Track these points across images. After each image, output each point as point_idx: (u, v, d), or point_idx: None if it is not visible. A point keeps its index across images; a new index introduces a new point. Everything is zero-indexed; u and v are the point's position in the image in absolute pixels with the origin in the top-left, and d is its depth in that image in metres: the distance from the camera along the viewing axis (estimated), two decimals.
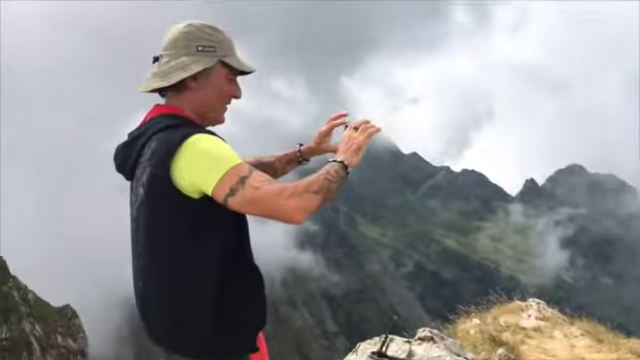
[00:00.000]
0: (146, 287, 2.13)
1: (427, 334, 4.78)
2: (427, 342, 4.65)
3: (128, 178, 2.21)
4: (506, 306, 10.15)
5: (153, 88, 2.19)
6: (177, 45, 2.15)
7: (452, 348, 4.64)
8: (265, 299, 2.19)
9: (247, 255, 2.15)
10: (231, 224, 2.08)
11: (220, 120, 2.26)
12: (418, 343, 4.65)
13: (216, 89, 2.19)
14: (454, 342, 4.93)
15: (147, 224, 2.07)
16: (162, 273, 2.07)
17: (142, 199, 2.07)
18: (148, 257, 2.09)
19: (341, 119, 2.48)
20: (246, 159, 2.33)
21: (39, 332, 46.81)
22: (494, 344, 7.28)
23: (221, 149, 1.99)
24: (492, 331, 7.98)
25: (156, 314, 2.12)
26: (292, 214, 1.92)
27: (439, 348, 4.53)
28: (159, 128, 2.07)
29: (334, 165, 2.08)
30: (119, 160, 2.23)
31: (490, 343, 7.31)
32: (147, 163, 2.03)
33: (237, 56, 2.21)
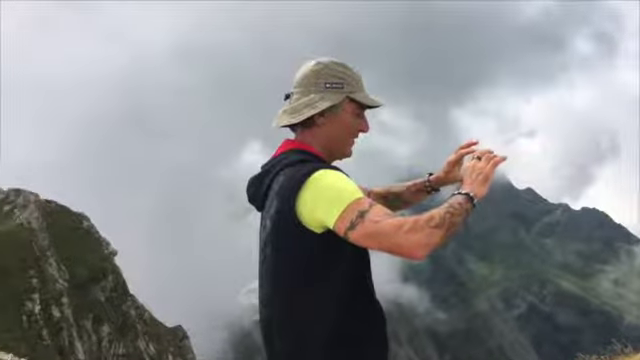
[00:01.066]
0: (269, 316, 2.21)
1: None
2: None
3: (259, 209, 2.33)
4: (631, 358, 9.22)
5: (284, 125, 2.31)
6: (306, 82, 2.26)
7: None
8: (385, 337, 2.18)
9: (369, 290, 2.18)
10: (353, 259, 2.12)
11: (347, 154, 2.33)
12: None
13: (344, 124, 2.26)
14: None
15: (272, 256, 2.17)
16: (283, 305, 2.14)
17: (269, 231, 2.17)
18: (271, 288, 2.19)
19: (470, 148, 2.43)
20: (375, 189, 2.56)
21: (152, 351, 49.12)
22: None
23: (343, 184, 2.04)
24: None
25: (278, 343, 2.18)
26: (412, 249, 1.91)
27: None
28: (287, 163, 2.17)
29: (458, 197, 2.05)
30: (251, 191, 2.37)
31: None
32: (275, 196, 2.13)
33: (364, 91, 2.26)
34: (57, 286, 45.51)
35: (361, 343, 2.09)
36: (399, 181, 2.77)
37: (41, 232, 46.76)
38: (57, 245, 47.17)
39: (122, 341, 47.08)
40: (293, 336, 2.10)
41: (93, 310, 46.03)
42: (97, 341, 46.00)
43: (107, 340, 46.53)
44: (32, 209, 48.59)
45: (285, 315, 2.13)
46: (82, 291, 46.90)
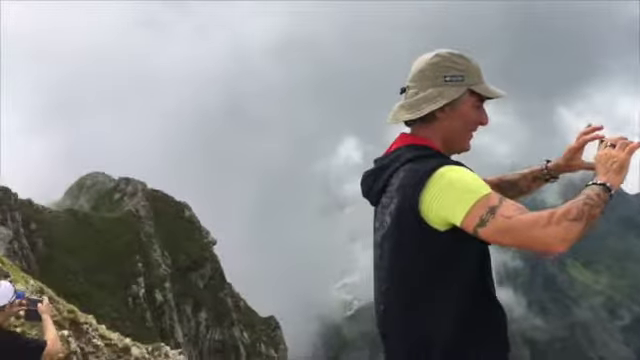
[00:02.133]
0: (387, 312, 2.17)
1: None
2: None
3: (373, 204, 2.26)
4: None
5: (402, 120, 2.22)
6: (424, 76, 2.17)
7: None
8: (506, 338, 2.11)
9: (490, 290, 2.11)
10: (475, 258, 2.05)
11: (466, 148, 2.26)
12: None
13: (463, 118, 2.18)
14: None
15: (391, 253, 2.11)
16: (403, 302, 2.10)
17: (388, 228, 2.10)
18: (390, 285, 2.14)
19: (595, 133, 2.24)
20: (488, 178, 2.42)
21: (246, 339, 50.74)
22: None
23: (471, 179, 1.98)
24: None
25: (394, 339, 2.16)
26: (550, 244, 1.85)
27: None
28: (407, 159, 2.10)
29: (594, 188, 1.94)
30: (366, 186, 2.29)
31: None
32: (395, 193, 2.06)
33: (484, 82, 2.19)
34: (160, 271, 48.08)
35: (482, 344, 2.04)
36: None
37: (147, 219, 49.54)
38: (161, 232, 49.80)
39: (218, 327, 49.00)
40: (411, 335, 2.07)
41: (193, 296, 48.27)
42: (195, 326, 48.17)
43: (204, 325, 48.62)
44: (140, 197, 51.58)
45: (403, 313, 2.09)
46: (183, 277, 49.22)
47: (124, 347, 13.71)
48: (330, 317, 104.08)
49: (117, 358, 13.57)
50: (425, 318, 2.04)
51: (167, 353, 15.29)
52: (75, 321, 12.53)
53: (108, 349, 13.29)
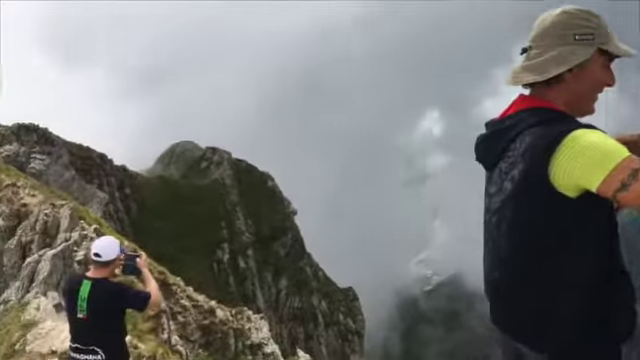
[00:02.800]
0: (503, 279, 2.10)
1: None
2: None
3: (488, 169, 2.19)
4: None
5: (526, 82, 2.10)
6: (551, 35, 2.06)
7: None
8: (635, 310, 2.02)
9: (618, 260, 2.02)
10: (604, 227, 1.97)
11: (590, 111, 2.14)
12: None
13: (592, 79, 2.06)
14: None
15: (513, 219, 2.02)
16: (526, 268, 2.02)
17: (509, 193, 2.02)
18: (511, 251, 2.05)
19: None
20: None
21: (324, 308, 51.70)
22: None
23: (607, 142, 1.86)
24: None
25: (511, 306, 2.10)
26: None
27: None
28: (532, 122, 2.00)
29: None
30: (481, 150, 2.21)
31: None
32: (519, 158, 1.97)
33: (614, 41, 2.06)
34: (243, 239, 49.63)
35: (611, 313, 2.00)
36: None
37: (232, 188, 51.12)
38: (245, 201, 51.27)
39: (298, 295, 50.21)
40: (530, 305, 2.02)
41: (274, 264, 49.61)
42: (276, 292, 49.57)
43: (285, 293, 49.93)
44: (225, 166, 53.22)
45: (524, 282, 2.03)
46: (264, 246, 50.62)
47: (210, 309, 14.43)
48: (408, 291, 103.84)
49: (203, 319, 14.32)
50: (547, 289, 1.99)
51: (249, 317, 15.96)
52: (165, 282, 13.30)
53: (195, 310, 14.04)
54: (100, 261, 4.33)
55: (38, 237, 13.89)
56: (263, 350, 14.34)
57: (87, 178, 36.49)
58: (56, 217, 14.16)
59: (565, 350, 1.99)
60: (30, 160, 29.62)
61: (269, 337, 15.18)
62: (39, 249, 13.42)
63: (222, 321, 14.02)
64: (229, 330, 13.95)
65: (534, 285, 2.00)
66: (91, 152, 39.95)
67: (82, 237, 13.35)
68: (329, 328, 49.90)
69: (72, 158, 35.23)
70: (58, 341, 8.30)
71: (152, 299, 4.46)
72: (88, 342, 4.28)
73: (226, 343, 13.65)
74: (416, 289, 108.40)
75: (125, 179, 43.54)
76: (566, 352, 1.99)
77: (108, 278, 4.39)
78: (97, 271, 4.36)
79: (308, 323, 47.79)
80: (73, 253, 12.59)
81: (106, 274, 4.38)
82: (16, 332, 9.37)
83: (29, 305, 10.95)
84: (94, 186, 36.52)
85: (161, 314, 9.49)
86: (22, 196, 16.49)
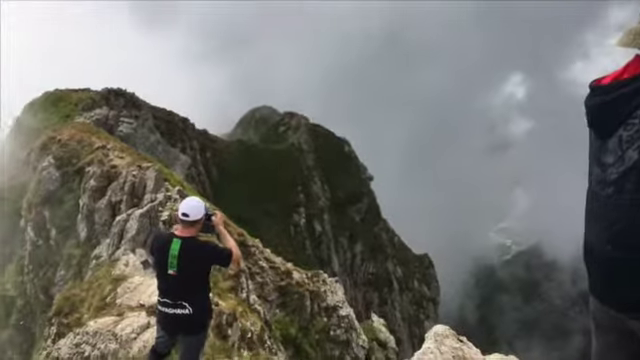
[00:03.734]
0: (620, 253, 2.00)
1: None
2: None
3: (602, 137, 2.06)
4: None
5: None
6: None
7: None
8: None
9: None
10: None
11: None
12: None
13: None
14: None
15: (638, 191, 1.93)
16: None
17: (634, 164, 1.92)
18: (631, 224, 1.96)
19: None
20: None
21: (399, 273, 51.78)
22: None
23: None
24: None
25: (629, 282, 2.01)
26: None
27: None
28: None
29: None
30: (596, 115, 2.09)
31: None
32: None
33: None
34: (320, 203, 50.22)
35: None
36: None
37: (309, 153, 51.64)
38: (321, 166, 51.70)
39: (373, 260, 50.51)
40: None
41: (349, 229, 50.02)
42: (351, 257, 50.07)
43: (360, 258, 50.33)
44: (302, 131, 53.70)
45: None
46: (340, 210, 51.03)
47: (286, 271, 14.80)
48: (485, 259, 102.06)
49: (280, 280, 14.73)
50: None
51: (325, 280, 16.25)
52: (244, 243, 13.73)
53: (272, 271, 14.44)
54: (188, 220, 4.56)
55: (126, 197, 14.64)
56: (338, 313, 14.59)
57: (171, 141, 37.83)
58: (143, 179, 14.84)
59: None
60: (119, 123, 31.01)
61: (344, 300, 15.41)
62: (127, 208, 14.16)
63: (298, 283, 14.33)
64: (305, 292, 14.25)
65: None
66: (174, 116, 41.31)
67: (167, 198, 13.95)
68: (403, 294, 50.04)
69: (156, 122, 36.59)
70: (145, 295, 8.79)
71: (234, 256, 4.65)
72: (177, 297, 4.54)
73: (302, 304, 13.97)
74: (494, 258, 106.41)
75: (206, 143, 44.84)
76: None
77: (195, 237, 4.60)
78: (185, 230, 4.59)
79: (382, 288, 48.08)
80: (158, 213, 13.20)
81: (193, 233, 4.61)
82: (107, 286, 9.99)
83: (119, 261, 11.63)
84: (177, 149, 37.84)
85: (240, 274, 9.83)
86: (111, 158, 17.38)
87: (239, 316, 8.06)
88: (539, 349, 71.60)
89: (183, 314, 4.55)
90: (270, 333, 9.97)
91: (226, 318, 7.66)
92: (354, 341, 14.41)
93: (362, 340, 14.74)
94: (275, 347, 9.62)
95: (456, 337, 4.68)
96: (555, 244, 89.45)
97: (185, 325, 4.62)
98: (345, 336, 14.38)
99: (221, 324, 7.52)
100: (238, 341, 7.67)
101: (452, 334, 4.68)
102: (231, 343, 7.51)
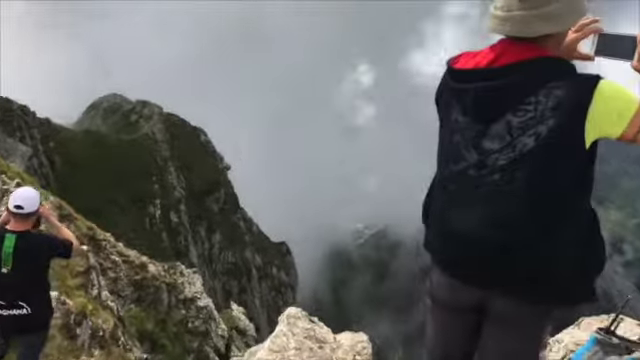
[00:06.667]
0: (507, 238, 2.02)
1: None
2: None
3: (482, 121, 2.04)
4: None
5: (539, 34, 1.98)
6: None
7: None
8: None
9: (596, 215, 2.15)
10: (592, 174, 2.06)
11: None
12: None
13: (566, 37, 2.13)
14: None
15: (536, 176, 1.96)
16: (544, 224, 1.99)
17: (531, 149, 1.94)
18: (527, 209, 1.99)
19: (594, 25, 2.12)
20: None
21: (258, 262, 52.16)
22: None
23: (626, 90, 1.94)
24: None
25: (514, 265, 2.04)
26: None
27: None
28: (555, 74, 1.94)
29: None
30: (479, 101, 2.04)
31: None
32: (548, 112, 1.90)
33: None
34: (176, 194, 48.93)
35: (600, 243, 2.12)
36: None
37: (163, 143, 50.01)
38: (177, 156, 50.32)
39: (231, 250, 50.34)
40: (547, 256, 2.00)
41: (207, 219, 49.36)
42: (209, 247, 49.46)
43: (218, 247, 49.91)
44: (156, 120, 51.83)
45: (544, 237, 1.99)
46: (198, 201, 50.14)
47: (141, 264, 14.28)
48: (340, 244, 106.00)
49: (134, 274, 14.16)
50: (567, 235, 2.00)
51: (182, 271, 15.91)
52: (94, 238, 13.00)
53: (126, 265, 13.85)
54: (22, 213, 4.18)
55: None
56: (196, 304, 14.40)
57: (8, 131, 34.74)
58: None
59: (564, 299, 2.08)
60: None
61: (202, 291, 15.23)
62: None
63: (154, 276, 13.92)
64: (161, 285, 13.88)
65: (552, 243, 1.99)
66: (11, 103, 37.89)
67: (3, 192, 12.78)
68: (262, 281, 50.53)
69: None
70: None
71: (74, 245, 4.39)
72: (13, 297, 4.17)
73: (158, 298, 13.60)
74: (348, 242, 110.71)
75: (49, 132, 41.72)
76: (565, 300, 2.09)
77: (30, 230, 4.27)
78: (19, 224, 4.20)
79: (242, 277, 48.18)
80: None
81: (28, 226, 4.25)
82: None
83: None
84: (16, 139, 34.85)
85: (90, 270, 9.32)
86: None
87: (89, 314, 7.66)
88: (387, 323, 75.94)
89: (21, 315, 4.20)
90: (124, 329, 9.59)
91: (74, 317, 7.23)
92: (213, 331, 14.32)
93: (221, 330, 14.70)
94: (130, 343, 9.27)
95: (308, 318, 4.82)
96: (401, 225, 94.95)
97: (24, 325, 4.28)
98: (204, 327, 14.24)
99: (69, 324, 7.09)
100: (89, 340, 7.29)
101: (304, 315, 4.82)
102: (80, 343, 7.11)
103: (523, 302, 2.09)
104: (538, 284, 2.03)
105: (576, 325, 4.40)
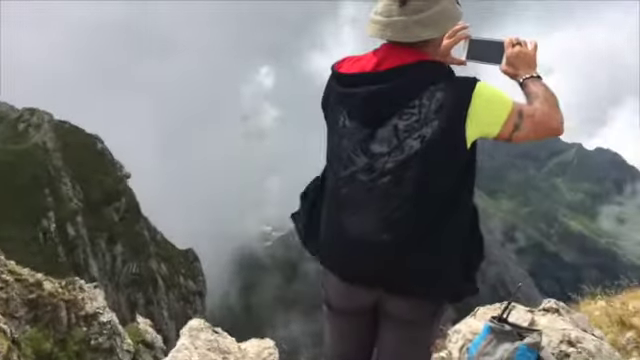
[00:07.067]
0: (399, 239, 2.03)
1: (552, 306, 4.42)
2: (552, 314, 4.31)
3: (369, 125, 2.04)
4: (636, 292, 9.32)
5: (420, 39, 2.02)
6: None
7: (579, 323, 4.25)
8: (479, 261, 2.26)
9: (477, 212, 2.22)
10: (474, 172, 2.12)
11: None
12: (542, 314, 4.32)
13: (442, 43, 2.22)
14: (582, 317, 4.52)
15: (423, 178, 1.98)
16: (433, 223, 2.03)
17: (417, 151, 1.96)
18: (416, 209, 2.01)
19: (465, 31, 2.24)
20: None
21: (164, 271, 50.62)
22: (623, 327, 6.74)
23: (500, 91, 2.02)
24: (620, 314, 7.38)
25: (407, 265, 2.07)
26: (561, 128, 2.07)
27: (565, 321, 4.18)
28: (436, 78, 1.98)
29: (539, 80, 2.16)
30: (367, 105, 2.05)
31: (618, 326, 6.77)
32: (431, 115, 1.94)
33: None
34: (72, 205, 46.39)
35: (475, 257, 2.18)
36: None
37: (55, 152, 47.29)
38: (72, 166, 47.74)
39: (135, 260, 48.49)
40: (437, 256, 2.06)
41: (107, 230, 47.21)
42: (111, 260, 47.35)
43: (121, 259, 47.89)
44: (46, 129, 48.92)
45: (431, 238, 2.03)
46: (96, 211, 47.87)
47: (36, 282, 13.37)
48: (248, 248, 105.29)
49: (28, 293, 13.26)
50: (454, 235, 2.06)
51: (82, 287, 15.06)
52: None
53: (19, 284, 12.94)
54: None
55: None
56: (98, 319, 13.68)
57: None
58: None
59: (456, 295, 2.17)
60: None
61: (105, 306, 14.50)
62: None
63: (51, 294, 13.09)
64: (59, 302, 13.07)
65: (439, 243, 2.04)
66: None
67: None
68: (170, 291, 49.08)
69: None
70: None
71: None
72: None
73: (57, 316, 12.80)
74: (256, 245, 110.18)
75: None
76: (453, 296, 2.17)
77: None
78: None
79: (147, 288, 46.56)
80: None
81: None
82: None
83: None
84: None
85: None
86: None
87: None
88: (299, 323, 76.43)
89: None
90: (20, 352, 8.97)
91: None
92: (118, 347, 13.70)
93: (127, 344, 14.08)
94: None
95: (211, 329, 4.71)
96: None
97: None
98: (108, 343, 13.58)
99: None
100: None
101: (207, 327, 4.70)
102: None
103: (415, 301, 2.15)
104: (429, 282, 2.09)
105: (472, 315, 4.58)
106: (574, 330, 4.00)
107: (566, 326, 4.04)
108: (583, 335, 3.97)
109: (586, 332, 4.10)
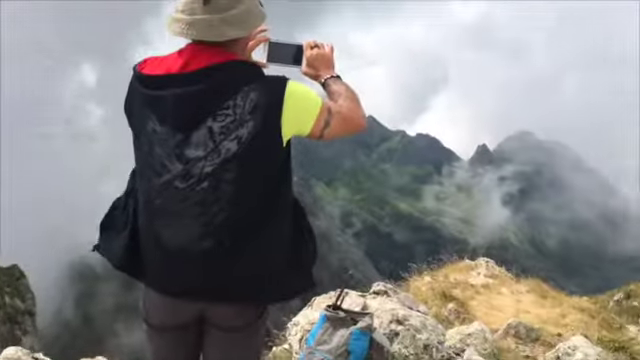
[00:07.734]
0: (222, 245, 2.00)
1: (381, 288, 4.83)
2: (381, 296, 4.70)
3: (181, 130, 1.96)
4: (457, 265, 10.39)
5: (228, 38, 1.98)
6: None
7: (405, 302, 4.69)
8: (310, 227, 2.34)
9: (303, 209, 2.29)
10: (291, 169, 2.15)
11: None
12: (372, 297, 4.68)
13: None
14: (407, 296, 4.99)
15: (241, 179, 1.96)
16: (256, 225, 2.02)
17: (235, 154, 1.92)
18: (238, 213, 1.99)
19: (264, 34, 2.25)
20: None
21: None
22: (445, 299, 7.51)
23: (310, 90, 2.07)
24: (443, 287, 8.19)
25: (231, 272, 2.04)
26: (364, 122, 2.20)
27: (393, 302, 4.57)
28: (248, 78, 1.95)
29: (339, 79, 2.28)
30: (177, 106, 1.95)
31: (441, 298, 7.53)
32: (246, 116, 1.90)
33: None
34: None
35: (304, 261, 2.23)
36: None
37: None
38: None
39: None
40: (263, 258, 2.06)
41: None
42: None
43: None
44: None
45: (253, 240, 2.01)
46: None
47: None
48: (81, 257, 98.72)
49: None
50: (277, 236, 2.08)
51: None
52: None
53: None
54: None
55: None
56: None
57: None
58: None
59: (282, 296, 2.18)
60: None
61: None
62: None
63: None
64: None
65: (263, 245, 2.04)
66: None
67: None
68: None
69: None
70: None
71: None
72: None
73: None
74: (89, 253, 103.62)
75: None
76: (283, 296, 2.18)
77: None
78: None
79: None
80: None
81: None
82: None
83: None
84: None
85: None
86: None
87: None
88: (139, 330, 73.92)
89: None
90: None
91: None
92: None
93: None
94: None
95: (31, 356, 4.35)
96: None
97: None
98: None
99: None
100: None
101: (25, 353, 4.30)
102: None
103: (243, 306, 2.18)
104: (255, 287, 2.11)
105: (309, 306, 4.77)
106: (401, 309, 4.38)
107: (394, 306, 4.41)
108: (409, 313, 4.36)
109: (412, 309, 4.53)
